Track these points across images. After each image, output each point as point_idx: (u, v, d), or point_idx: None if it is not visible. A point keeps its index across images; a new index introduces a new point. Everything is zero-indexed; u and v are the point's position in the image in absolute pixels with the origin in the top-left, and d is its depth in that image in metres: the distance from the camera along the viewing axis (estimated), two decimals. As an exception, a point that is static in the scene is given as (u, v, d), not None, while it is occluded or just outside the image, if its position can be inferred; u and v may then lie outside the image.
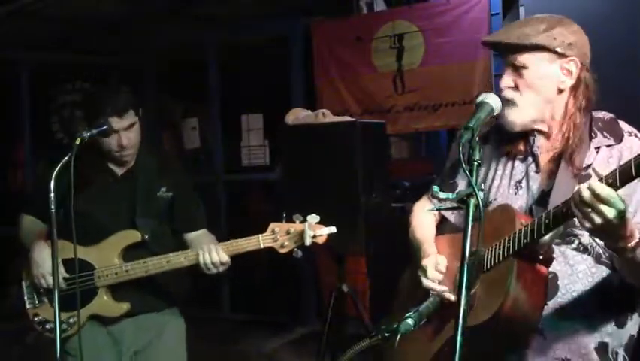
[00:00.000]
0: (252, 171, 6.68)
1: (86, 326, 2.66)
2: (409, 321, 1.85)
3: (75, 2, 5.56)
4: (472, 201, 1.63)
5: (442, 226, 2.33)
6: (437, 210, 2.15)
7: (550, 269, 1.90)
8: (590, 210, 1.62)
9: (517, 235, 1.83)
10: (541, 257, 1.84)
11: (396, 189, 5.26)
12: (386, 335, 1.88)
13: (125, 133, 2.68)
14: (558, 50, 1.95)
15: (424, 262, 2.09)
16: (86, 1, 5.58)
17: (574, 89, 1.99)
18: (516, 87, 1.99)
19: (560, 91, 1.99)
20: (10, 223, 3.02)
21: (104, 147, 2.68)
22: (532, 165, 2.05)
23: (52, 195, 2.31)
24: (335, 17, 5.83)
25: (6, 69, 7.09)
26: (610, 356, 1.97)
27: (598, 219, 1.62)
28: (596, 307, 1.96)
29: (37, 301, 2.77)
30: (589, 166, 1.96)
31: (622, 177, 1.59)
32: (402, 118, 5.46)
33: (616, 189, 1.60)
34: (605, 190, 1.59)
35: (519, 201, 2.03)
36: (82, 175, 2.50)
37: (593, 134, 2.00)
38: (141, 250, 2.70)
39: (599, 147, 1.98)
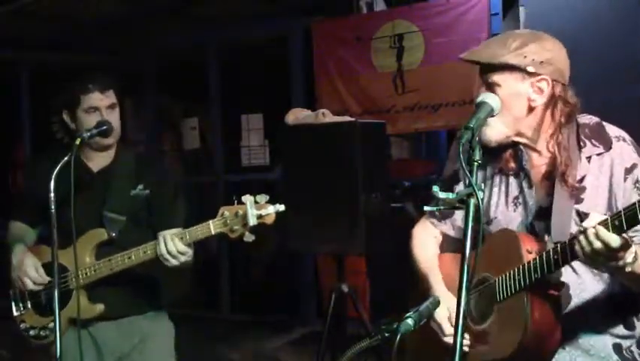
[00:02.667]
0: (252, 171, 6.69)
1: (68, 331, 2.58)
2: (409, 321, 1.84)
3: (75, 2, 5.57)
4: (472, 201, 1.63)
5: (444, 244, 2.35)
6: (437, 210, 2.14)
7: (561, 279, 1.92)
8: (600, 257, 1.70)
9: (527, 268, 1.86)
10: (552, 285, 1.86)
11: (396, 189, 5.26)
12: (386, 335, 1.88)
13: (107, 113, 2.64)
14: (529, 68, 1.93)
15: (438, 319, 2.09)
16: (86, 1, 5.58)
17: (548, 106, 1.98)
18: None
19: (532, 109, 1.98)
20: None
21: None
22: (525, 181, 2.05)
23: (52, 195, 2.30)
24: (335, 17, 5.83)
25: (6, 69, 7.09)
26: (625, 353, 2.00)
27: (603, 261, 1.71)
28: (606, 311, 1.99)
29: (22, 308, 2.76)
30: (583, 178, 1.96)
31: (629, 221, 1.64)
32: (402, 118, 5.45)
33: (622, 232, 1.66)
34: (616, 242, 1.66)
35: (518, 218, 2.05)
36: (59, 175, 2.38)
37: (581, 143, 1.99)
38: (113, 248, 2.64)
39: (589, 157, 1.98)
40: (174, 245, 2.47)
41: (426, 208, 2.16)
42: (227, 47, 6.77)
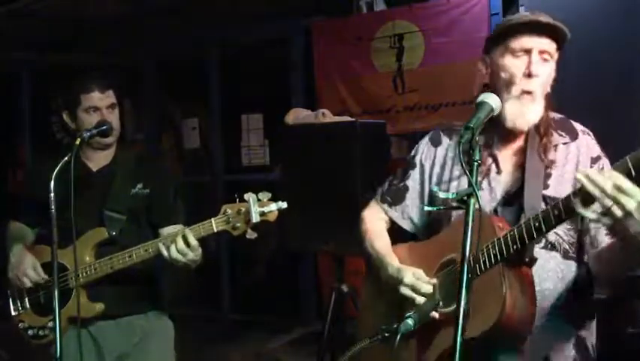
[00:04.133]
0: (252, 171, 6.69)
1: (67, 330, 2.57)
2: (409, 321, 1.85)
3: (75, 2, 5.57)
4: (472, 200, 1.63)
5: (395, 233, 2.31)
6: (437, 210, 2.13)
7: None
8: (612, 203, 1.59)
9: (504, 240, 1.81)
10: (527, 259, 1.84)
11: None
12: (386, 335, 1.88)
13: (107, 113, 2.66)
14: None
15: (407, 280, 2.00)
16: (86, 1, 5.58)
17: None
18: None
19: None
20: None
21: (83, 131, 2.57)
22: (493, 166, 2.02)
23: (52, 195, 2.29)
24: (335, 17, 5.83)
25: (6, 69, 7.09)
26: (589, 351, 2.00)
27: (619, 213, 1.59)
28: (568, 301, 1.97)
29: (20, 308, 2.76)
30: (551, 163, 1.97)
31: (636, 166, 1.58)
32: (402, 118, 5.45)
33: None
34: (625, 182, 1.57)
35: (481, 203, 2.02)
36: (59, 174, 2.37)
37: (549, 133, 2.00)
38: (113, 247, 2.64)
39: (556, 145, 1.99)
40: (183, 243, 2.46)
41: (426, 208, 2.16)
42: (227, 46, 6.77)
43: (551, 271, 1.95)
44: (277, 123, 4.17)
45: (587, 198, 1.63)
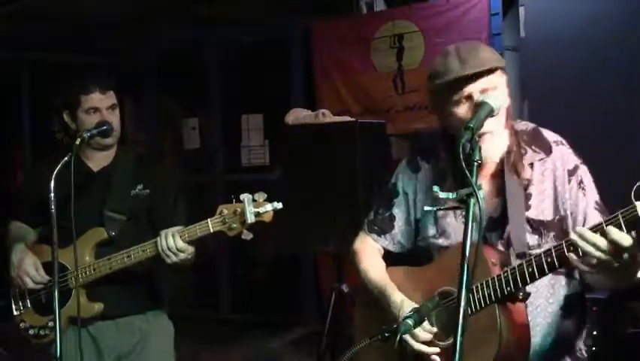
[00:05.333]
0: (252, 171, 6.68)
1: (67, 330, 2.57)
2: (409, 321, 1.84)
3: (76, 2, 5.57)
4: (472, 201, 1.63)
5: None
6: (437, 210, 2.12)
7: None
8: (606, 257, 1.64)
9: (497, 281, 1.82)
10: (520, 296, 1.85)
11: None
12: (386, 335, 1.88)
13: (107, 113, 2.66)
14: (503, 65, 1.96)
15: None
16: (86, 1, 5.58)
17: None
18: None
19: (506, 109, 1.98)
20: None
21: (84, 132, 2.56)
22: None
23: (52, 195, 2.29)
24: (335, 17, 5.83)
25: (6, 69, 7.09)
26: (583, 357, 2.02)
27: (615, 264, 1.65)
28: (560, 315, 1.98)
29: (22, 307, 2.76)
30: (528, 185, 1.97)
31: (628, 227, 1.61)
32: (402, 118, 5.45)
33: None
34: (618, 235, 1.61)
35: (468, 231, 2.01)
36: (59, 174, 2.37)
37: (522, 150, 1.99)
38: (112, 247, 2.64)
39: (531, 164, 1.98)
40: (174, 242, 2.48)
41: (426, 208, 2.15)
42: (227, 46, 6.77)
43: (542, 288, 1.96)
44: (277, 123, 4.16)
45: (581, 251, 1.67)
